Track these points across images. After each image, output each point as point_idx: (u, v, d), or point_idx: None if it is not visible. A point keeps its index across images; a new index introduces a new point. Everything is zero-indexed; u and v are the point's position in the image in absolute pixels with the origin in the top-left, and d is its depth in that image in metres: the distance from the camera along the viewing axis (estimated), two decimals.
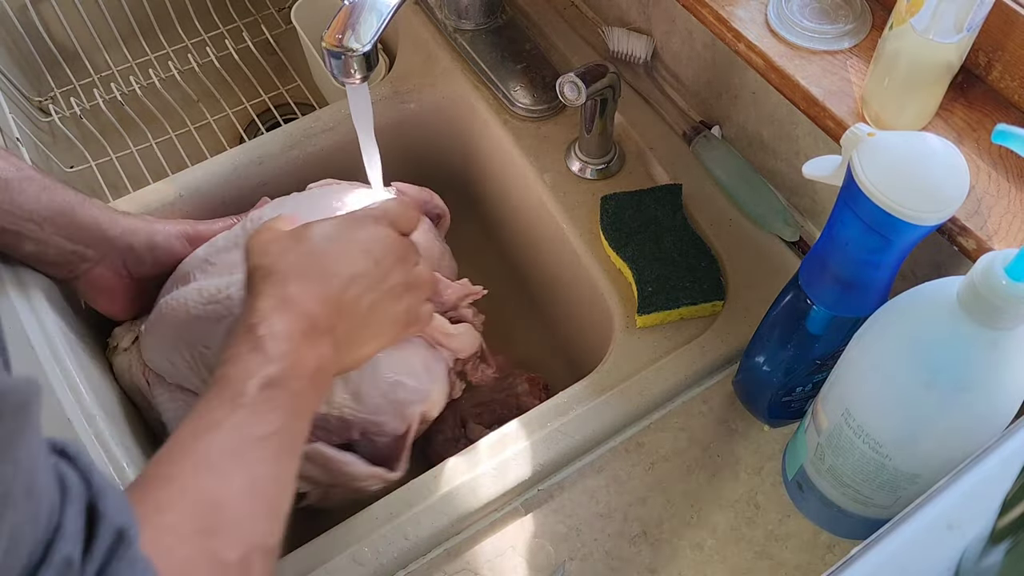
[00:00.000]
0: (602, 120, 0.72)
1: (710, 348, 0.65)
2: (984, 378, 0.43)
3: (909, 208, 0.44)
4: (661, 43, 0.78)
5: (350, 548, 0.57)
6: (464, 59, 0.85)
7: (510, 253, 0.90)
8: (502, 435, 0.62)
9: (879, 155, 0.46)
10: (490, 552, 0.58)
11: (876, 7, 0.63)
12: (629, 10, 0.80)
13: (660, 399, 0.64)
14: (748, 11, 0.63)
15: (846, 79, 0.59)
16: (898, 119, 0.56)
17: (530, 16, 0.88)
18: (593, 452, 0.62)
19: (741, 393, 0.64)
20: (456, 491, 0.60)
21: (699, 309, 0.67)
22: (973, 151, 0.56)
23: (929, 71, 0.54)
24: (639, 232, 0.70)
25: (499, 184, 0.85)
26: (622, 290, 0.70)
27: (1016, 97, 0.57)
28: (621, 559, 0.57)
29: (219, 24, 1.14)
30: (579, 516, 0.59)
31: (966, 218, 0.53)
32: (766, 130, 0.70)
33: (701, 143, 0.74)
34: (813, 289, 0.53)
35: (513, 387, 0.79)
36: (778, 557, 0.57)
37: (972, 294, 0.41)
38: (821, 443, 0.52)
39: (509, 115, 0.81)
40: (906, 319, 0.46)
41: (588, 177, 0.76)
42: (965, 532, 0.37)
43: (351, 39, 0.60)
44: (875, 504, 0.52)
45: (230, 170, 0.79)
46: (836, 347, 0.54)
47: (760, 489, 0.60)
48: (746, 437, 0.62)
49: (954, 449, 0.45)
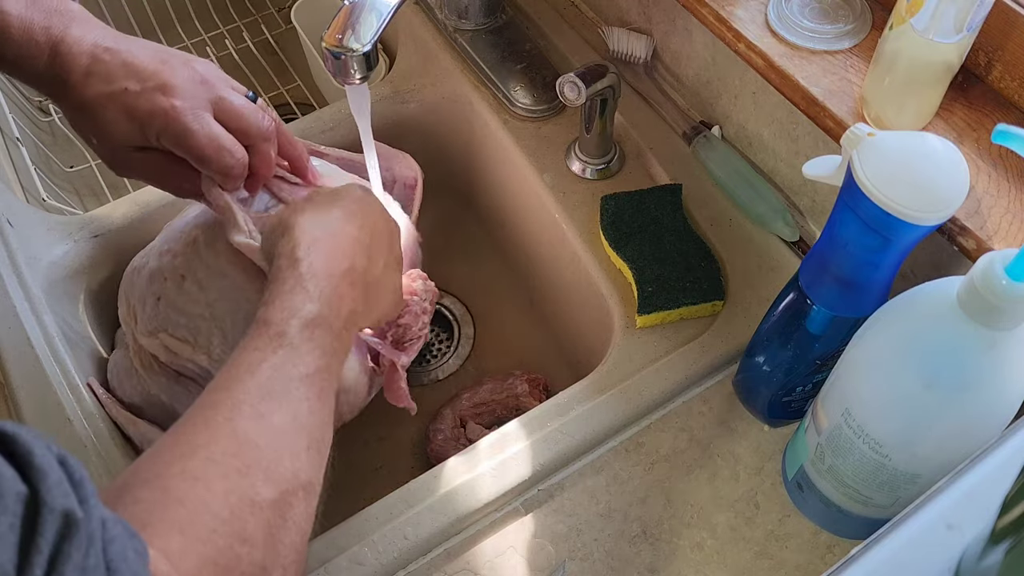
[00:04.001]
0: (602, 120, 0.72)
1: (710, 348, 0.65)
2: (984, 378, 0.43)
3: (909, 208, 0.44)
4: (661, 43, 0.78)
5: (350, 548, 0.57)
6: (464, 59, 0.85)
7: (510, 253, 0.90)
8: (502, 435, 0.62)
9: (879, 155, 0.46)
10: (490, 552, 0.58)
11: (876, 7, 0.63)
12: (629, 10, 0.80)
13: (660, 399, 0.64)
14: (748, 11, 0.63)
15: (846, 79, 0.59)
16: (898, 119, 0.56)
17: (530, 16, 0.88)
18: (593, 452, 0.62)
19: (741, 393, 0.64)
20: (456, 491, 0.60)
21: (699, 309, 0.67)
22: (973, 151, 0.56)
23: (929, 71, 0.54)
24: (639, 232, 0.70)
25: (499, 184, 0.85)
26: (622, 290, 0.70)
27: (1016, 97, 0.57)
28: (621, 559, 0.57)
29: (219, 24, 1.14)
30: (579, 516, 0.59)
31: (966, 218, 0.53)
32: (766, 130, 0.70)
33: (701, 143, 0.74)
34: (813, 289, 0.53)
35: (513, 387, 0.79)
36: (778, 557, 0.57)
37: (972, 294, 0.41)
38: (821, 443, 0.52)
39: (509, 115, 0.81)
40: (906, 319, 0.46)
41: (588, 177, 0.76)
42: (965, 532, 0.37)
43: (351, 39, 0.60)
44: (875, 504, 0.52)
45: None
46: (836, 347, 0.54)
47: (760, 489, 0.60)
48: (746, 437, 0.62)
49: (954, 449, 0.45)
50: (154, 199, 0.76)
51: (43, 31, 0.54)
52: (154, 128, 0.56)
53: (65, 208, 0.89)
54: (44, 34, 0.54)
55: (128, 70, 0.55)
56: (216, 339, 0.63)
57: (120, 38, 0.57)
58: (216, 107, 0.57)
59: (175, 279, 0.64)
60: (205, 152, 0.57)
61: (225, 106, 0.58)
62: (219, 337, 0.63)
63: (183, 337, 0.63)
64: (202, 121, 0.56)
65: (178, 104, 0.55)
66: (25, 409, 0.63)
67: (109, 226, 0.75)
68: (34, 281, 0.70)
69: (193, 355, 0.63)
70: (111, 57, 0.55)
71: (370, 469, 0.78)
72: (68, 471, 0.32)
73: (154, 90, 0.55)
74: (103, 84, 0.55)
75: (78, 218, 0.75)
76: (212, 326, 0.63)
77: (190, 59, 0.58)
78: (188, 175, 0.60)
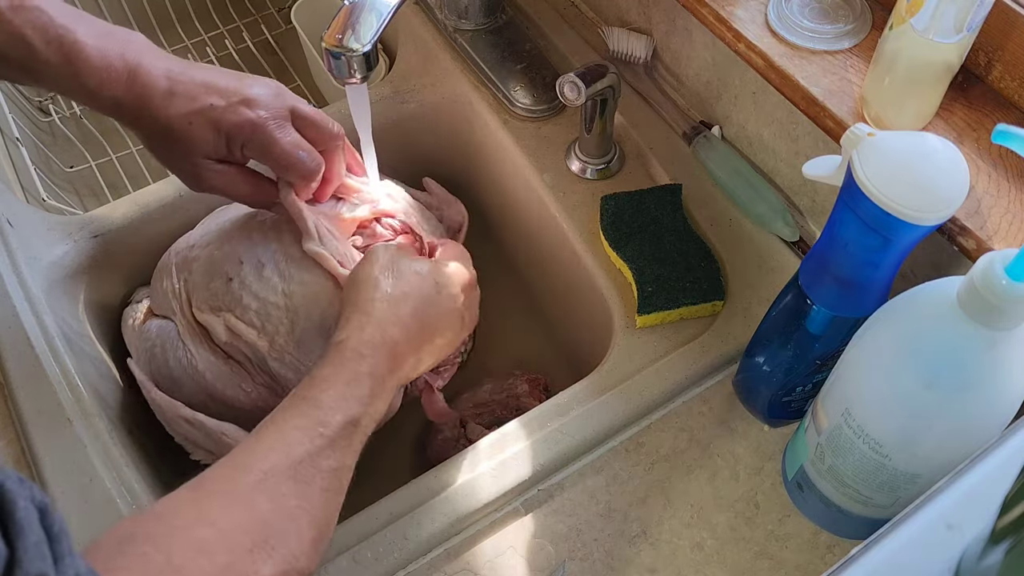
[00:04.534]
0: (602, 120, 0.72)
1: (710, 348, 0.65)
2: (984, 378, 0.43)
3: (909, 208, 0.44)
4: (661, 43, 0.78)
5: (350, 548, 0.57)
6: (464, 59, 0.85)
7: (510, 253, 0.90)
8: (502, 435, 0.62)
9: (879, 155, 0.46)
10: (490, 552, 0.58)
11: (876, 7, 0.63)
12: (629, 10, 0.80)
13: (660, 399, 0.64)
14: (748, 11, 0.64)
15: (846, 79, 0.59)
16: (898, 119, 0.56)
17: (530, 16, 0.88)
18: (593, 452, 0.62)
19: (741, 393, 0.64)
20: (456, 491, 0.60)
21: (699, 309, 0.67)
22: (973, 151, 0.56)
23: (929, 71, 0.54)
24: (639, 232, 0.70)
25: (499, 184, 0.85)
26: (622, 290, 0.70)
27: (1016, 97, 0.57)
28: (621, 559, 0.57)
29: (219, 24, 1.14)
30: (579, 516, 0.59)
31: (966, 218, 0.53)
32: (766, 130, 0.70)
33: (701, 143, 0.74)
34: (813, 289, 0.53)
35: (513, 387, 0.79)
36: (778, 557, 0.57)
37: (972, 294, 0.41)
38: (821, 443, 0.52)
39: (509, 115, 0.81)
40: (906, 319, 0.46)
41: (588, 177, 0.76)
42: (965, 532, 0.37)
43: (351, 39, 0.60)
44: (875, 504, 0.52)
45: None
46: (836, 347, 0.54)
47: (760, 489, 0.60)
48: (746, 437, 0.62)
49: (954, 449, 0.45)
50: (154, 199, 0.76)
51: (119, 58, 0.58)
52: (240, 139, 0.60)
53: (65, 208, 0.89)
54: (120, 60, 0.57)
55: (209, 88, 0.59)
56: (283, 329, 0.65)
57: (188, 64, 0.61)
58: (293, 115, 0.62)
59: (254, 264, 0.66)
60: (290, 159, 0.61)
61: (300, 114, 0.62)
62: (287, 327, 0.65)
63: (250, 321, 0.65)
64: (285, 130, 0.61)
65: (263, 114, 0.60)
66: (25, 409, 0.63)
67: (109, 226, 0.75)
68: (34, 281, 0.70)
69: (256, 340, 0.65)
70: (188, 79, 0.59)
71: (370, 469, 0.78)
72: (47, 524, 0.32)
73: (239, 104, 0.59)
74: (187, 103, 0.58)
75: (78, 218, 0.75)
76: (283, 315, 0.65)
77: (259, 77, 0.63)
78: (261, 186, 0.65)
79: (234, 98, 0.59)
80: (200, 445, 0.67)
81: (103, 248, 0.74)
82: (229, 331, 0.66)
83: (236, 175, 0.63)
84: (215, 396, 0.67)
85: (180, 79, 0.59)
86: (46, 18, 0.55)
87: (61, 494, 0.59)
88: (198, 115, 0.59)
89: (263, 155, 0.61)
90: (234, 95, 0.59)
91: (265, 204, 0.66)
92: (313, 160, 0.63)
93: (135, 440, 0.68)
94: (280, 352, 0.65)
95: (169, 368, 0.68)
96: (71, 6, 0.58)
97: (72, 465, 0.60)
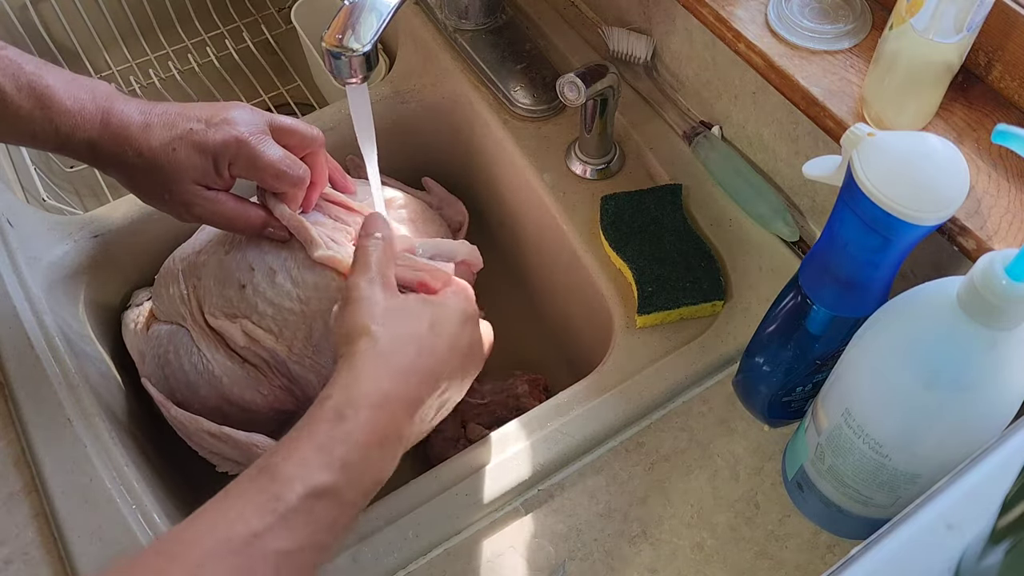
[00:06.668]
0: (602, 120, 0.72)
1: (710, 348, 0.65)
2: (984, 378, 0.43)
3: (909, 208, 0.44)
4: (661, 43, 0.78)
5: (350, 548, 0.57)
6: (464, 59, 0.85)
7: (510, 253, 0.90)
8: (502, 435, 0.62)
9: (879, 155, 0.46)
10: (490, 552, 0.58)
11: (876, 7, 0.63)
12: (629, 10, 0.80)
13: (660, 399, 0.64)
14: (748, 11, 0.64)
15: (846, 79, 0.59)
16: (898, 119, 0.56)
17: (530, 16, 0.88)
18: (593, 452, 0.62)
19: (741, 393, 0.64)
20: (456, 491, 0.60)
21: (699, 309, 0.67)
22: (973, 151, 0.56)
23: (929, 71, 0.54)
24: (639, 232, 0.70)
25: (499, 184, 0.85)
26: (622, 290, 0.70)
27: (1016, 97, 0.57)
28: (621, 559, 0.57)
29: (219, 24, 1.14)
30: (579, 516, 0.59)
31: (966, 218, 0.53)
32: (766, 130, 0.70)
33: (701, 143, 0.74)
34: (813, 289, 0.53)
35: (513, 388, 0.79)
36: (778, 557, 0.57)
37: (972, 294, 0.41)
38: (821, 443, 0.52)
39: (509, 115, 0.81)
40: (906, 319, 0.46)
41: (588, 177, 0.76)
42: (965, 532, 0.37)
43: (351, 39, 0.60)
44: (875, 504, 0.52)
45: None
46: (836, 347, 0.54)
47: (760, 489, 0.60)
48: (746, 437, 0.62)
49: (954, 449, 0.45)
50: None
51: (91, 101, 0.58)
52: (227, 157, 0.60)
53: (65, 208, 0.89)
54: (92, 103, 0.58)
55: (185, 115, 0.60)
56: (301, 335, 0.65)
57: (157, 102, 0.61)
58: (271, 128, 0.62)
59: (265, 271, 0.66)
60: (279, 168, 0.62)
61: (277, 125, 0.63)
62: (304, 333, 0.65)
63: (268, 327, 0.65)
64: (268, 143, 0.61)
65: (245, 130, 0.60)
66: (25, 409, 0.63)
67: (109, 226, 0.75)
68: (34, 281, 0.70)
69: (275, 345, 0.65)
70: (161, 111, 0.60)
71: None
72: None
73: (220, 124, 0.60)
74: (166, 131, 0.59)
75: (78, 218, 0.75)
76: (300, 321, 0.65)
77: (229, 102, 0.63)
78: (249, 210, 0.64)
79: (214, 119, 0.60)
80: (228, 457, 0.66)
81: (103, 248, 0.74)
82: (247, 336, 0.66)
83: (225, 200, 0.63)
84: (231, 400, 0.67)
85: (154, 111, 0.59)
86: (15, 66, 0.56)
87: (61, 494, 0.59)
88: (180, 140, 0.58)
89: (251, 169, 0.61)
90: (212, 117, 0.60)
91: (255, 229, 0.65)
92: (299, 167, 0.63)
93: (135, 440, 0.68)
94: (300, 356, 0.66)
95: (184, 373, 0.68)
96: (36, 56, 0.59)
97: (72, 465, 0.60)
